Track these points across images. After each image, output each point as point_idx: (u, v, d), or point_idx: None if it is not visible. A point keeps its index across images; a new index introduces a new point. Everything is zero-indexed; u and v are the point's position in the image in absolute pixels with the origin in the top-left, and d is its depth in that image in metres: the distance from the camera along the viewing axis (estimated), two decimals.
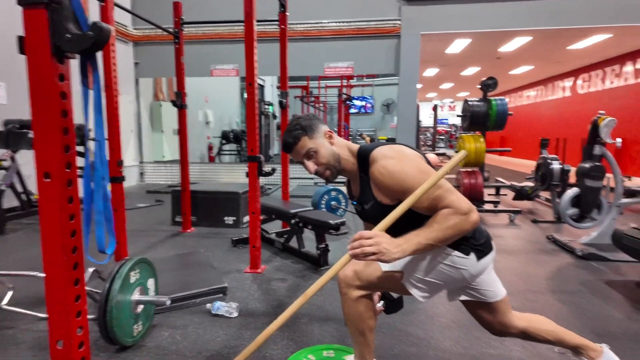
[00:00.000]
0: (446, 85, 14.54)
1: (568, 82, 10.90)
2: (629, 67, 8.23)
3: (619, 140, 3.39)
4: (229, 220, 4.04)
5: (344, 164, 1.36)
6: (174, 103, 3.82)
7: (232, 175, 7.43)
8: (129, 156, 7.03)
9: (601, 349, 1.45)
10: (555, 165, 4.36)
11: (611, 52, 8.32)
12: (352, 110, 13.60)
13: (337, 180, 1.65)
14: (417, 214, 1.22)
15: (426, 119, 19.59)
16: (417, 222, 1.21)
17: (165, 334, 1.91)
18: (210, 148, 9.57)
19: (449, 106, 22.97)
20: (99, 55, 1.09)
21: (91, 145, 1.14)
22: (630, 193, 3.64)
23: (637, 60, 7.95)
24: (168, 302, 1.82)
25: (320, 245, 2.85)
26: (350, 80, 12.41)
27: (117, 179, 2.78)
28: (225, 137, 9.25)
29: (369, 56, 6.71)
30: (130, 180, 7.17)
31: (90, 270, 2.31)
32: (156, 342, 1.84)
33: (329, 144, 1.35)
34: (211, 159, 9.38)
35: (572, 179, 3.71)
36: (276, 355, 1.72)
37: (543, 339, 1.44)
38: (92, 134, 1.15)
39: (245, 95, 2.69)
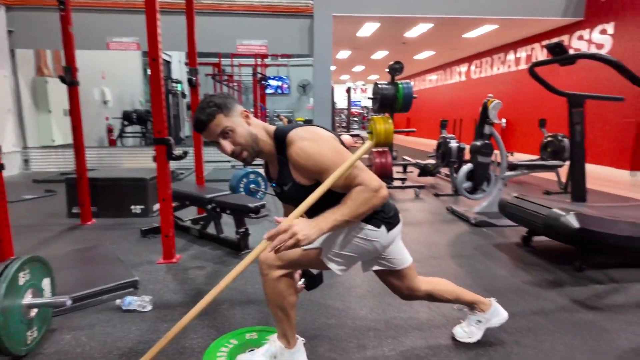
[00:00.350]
0: (358, 68, 15.05)
1: (463, 68, 12.04)
2: (511, 56, 9.36)
3: (503, 120, 3.88)
4: (136, 209, 3.74)
5: (261, 146, 1.33)
6: (63, 79, 3.34)
7: (137, 160, 6.86)
8: (7, 140, 6.04)
9: (490, 302, 1.68)
10: (453, 144, 4.84)
11: (498, 41, 9.37)
12: (268, 91, 13.37)
13: (256, 162, 1.62)
14: (333, 193, 1.26)
15: (341, 101, 20.15)
16: (334, 200, 1.25)
17: (68, 337, 1.72)
18: (110, 130, 8.66)
19: (361, 89, 23.87)
20: None
21: None
22: (512, 167, 4.20)
23: (517, 49, 9.08)
24: (69, 303, 1.64)
25: (239, 229, 2.80)
26: (265, 60, 12.14)
27: None
28: (128, 118, 8.43)
29: (283, 35, 6.62)
30: (12, 169, 6.20)
31: None
32: (57, 347, 1.65)
33: (246, 124, 1.32)
34: (112, 143, 8.51)
35: (468, 156, 4.16)
36: (197, 345, 1.67)
37: (445, 299, 1.63)
38: None
39: (149, 72, 2.47)
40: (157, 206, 3.80)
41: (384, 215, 1.37)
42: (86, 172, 3.52)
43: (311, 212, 1.23)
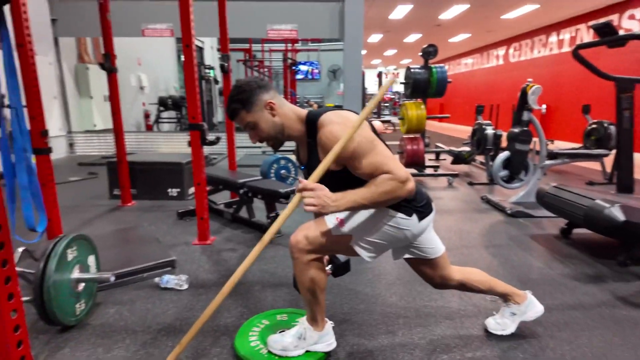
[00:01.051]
0: (390, 52, 14.72)
1: (501, 51, 11.52)
2: (553, 38, 8.85)
3: (544, 106, 3.69)
4: (173, 192, 3.88)
5: (289, 132, 1.36)
6: (102, 66, 3.48)
7: (172, 145, 7.07)
8: (54, 125, 6.38)
9: (525, 295, 1.64)
10: (489, 131, 4.67)
11: (539, 22, 8.87)
12: (298, 76, 13.36)
13: (286, 148, 1.63)
14: (360, 180, 1.26)
15: (371, 86, 19.85)
16: (359, 185, 1.25)
17: (112, 311, 1.83)
18: (147, 116, 8.96)
19: (393, 73, 23.38)
20: (7, 9, 0.95)
21: (7, 113, 1.02)
22: (552, 155, 4.02)
23: (561, 31, 8.56)
24: (112, 279, 1.74)
25: (270, 214, 2.85)
26: (295, 45, 12.10)
27: (43, 150, 2.52)
28: (163, 103, 8.69)
29: (314, 20, 6.55)
30: (59, 152, 6.55)
31: (20, 250, 2.12)
32: (102, 319, 1.76)
33: (270, 116, 1.34)
34: (149, 128, 8.81)
35: (505, 143, 4.01)
36: (230, 323, 1.73)
37: (477, 289, 1.60)
38: (6, 101, 1.02)
39: (183, 58, 2.52)
40: (192, 190, 3.93)
41: (415, 204, 1.35)
42: (125, 156, 3.67)
43: (331, 188, 1.25)
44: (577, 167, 5.86)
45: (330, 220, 1.34)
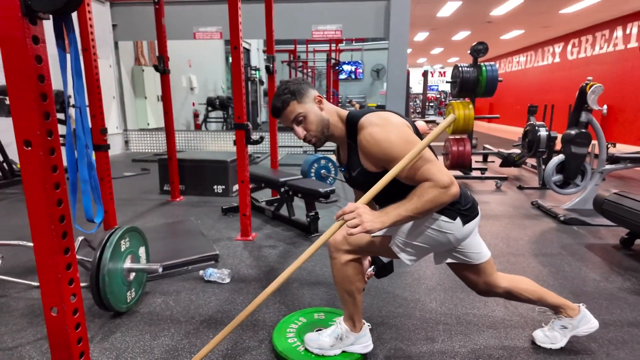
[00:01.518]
0: (436, 50, 14.32)
1: (557, 48, 10.83)
2: (618, 32, 8.18)
3: (605, 107, 3.43)
4: (218, 188, 4.03)
5: (332, 130, 1.34)
6: (156, 68, 3.68)
7: (218, 144, 7.33)
8: (112, 124, 6.84)
9: (579, 308, 1.53)
10: (542, 132, 4.41)
11: (601, 17, 8.23)
12: (342, 76, 13.34)
13: (326, 148, 1.64)
14: (401, 183, 1.23)
15: (416, 86, 19.42)
16: (401, 191, 1.22)
17: (159, 300, 1.94)
18: (196, 115, 9.36)
19: (439, 72, 22.73)
20: (74, 16, 1.03)
21: (72, 112, 1.10)
22: (613, 159, 3.71)
23: (627, 25, 7.90)
24: (160, 270, 1.84)
25: (310, 213, 2.88)
26: (339, 45, 12.10)
27: (102, 147, 2.72)
28: (211, 103, 9.03)
29: (358, 19, 6.51)
30: (115, 148, 7.02)
31: (79, 239, 2.29)
32: (149, 308, 1.87)
33: (319, 109, 1.33)
34: (197, 127, 9.20)
35: (559, 145, 3.77)
36: (269, 319, 1.77)
37: (525, 299, 1.51)
38: (72, 101, 1.10)
39: (230, 60, 2.61)
40: (236, 187, 4.05)
41: (459, 207, 1.29)
42: (175, 153, 3.86)
43: (379, 201, 1.21)
44: None
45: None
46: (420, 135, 1.30)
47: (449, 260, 1.43)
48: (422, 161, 1.17)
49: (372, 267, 1.57)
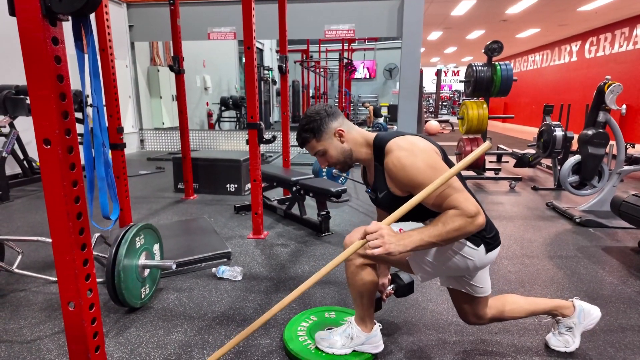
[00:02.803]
0: (450, 50, 14.17)
1: (574, 46, 10.61)
2: (639, 30, 7.97)
3: (624, 106, 3.35)
4: (231, 187, 4.07)
5: (357, 156, 1.39)
6: (171, 68, 3.73)
7: (231, 143, 7.39)
8: (127, 123, 6.96)
9: (572, 304, 1.52)
10: (558, 132, 4.33)
11: (620, 14, 8.03)
12: (358, 76, 13.30)
13: None
14: (425, 208, 1.23)
15: (429, 85, 19.25)
16: (425, 215, 1.24)
17: (172, 297, 1.97)
18: (209, 115, 9.46)
19: (453, 71, 22.48)
20: (92, 17, 1.05)
21: (89, 111, 1.13)
22: (632, 160, 3.62)
23: None
24: (173, 267, 1.87)
25: (321, 212, 2.88)
26: (352, 44, 12.08)
27: (118, 145, 2.77)
28: (224, 103, 9.11)
29: (371, 18, 6.49)
30: (131, 147, 7.14)
31: (96, 235, 2.35)
32: (163, 304, 1.90)
33: (339, 143, 1.38)
34: (210, 126, 9.29)
35: (575, 146, 3.69)
36: (280, 317, 1.78)
37: (517, 318, 1.52)
38: (89, 100, 1.13)
39: (244, 60, 2.63)
40: (248, 186, 4.09)
41: (485, 234, 1.29)
42: (189, 152, 3.91)
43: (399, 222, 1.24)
44: None
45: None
46: (447, 158, 1.31)
47: (453, 286, 1.44)
48: (450, 189, 1.16)
49: (392, 285, 1.58)
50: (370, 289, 1.38)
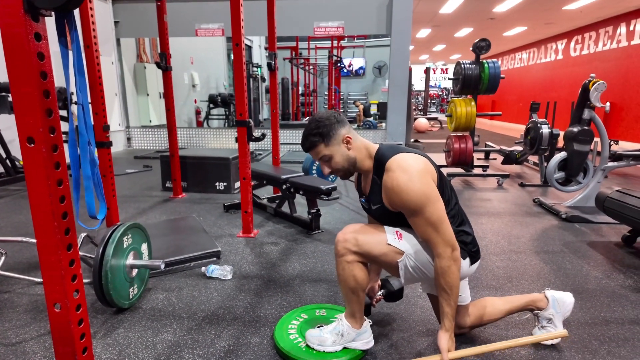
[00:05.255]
0: (439, 47, 14.27)
1: (560, 45, 10.78)
2: (622, 29, 8.13)
3: (607, 104, 3.41)
4: (220, 185, 4.04)
5: (359, 165, 1.40)
6: (159, 65, 3.68)
7: (220, 141, 7.34)
8: (114, 121, 6.85)
9: (543, 295, 1.56)
10: (545, 130, 4.40)
11: (605, 13, 8.18)
12: (357, 72, 13.28)
13: None
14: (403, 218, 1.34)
15: (418, 82, 19.36)
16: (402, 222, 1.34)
17: (161, 297, 1.95)
18: (197, 112, 9.37)
19: (441, 69, 22.65)
20: (76, 13, 1.03)
21: (74, 109, 1.11)
22: (616, 157, 3.70)
23: (631, 21, 7.85)
24: (162, 266, 1.85)
25: (311, 210, 2.88)
26: (341, 41, 12.08)
27: (104, 144, 2.73)
28: (213, 101, 9.03)
29: (360, 15, 6.49)
30: (117, 145, 7.04)
31: (82, 235, 2.31)
32: (152, 304, 1.88)
33: (346, 149, 1.38)
34: (199, 124, 9.21)
35: (561, 143, 3.76)
36: (270, 315, 1.78)
37: (496, 319, 1.57)
38: (74, 98, 1.11)
39: (232, 57, 2.61)
40: (238, 184, 4.06)
41: (471, 248, 1.40)
42: (177, 150, 3.87)
43: (386, 223, 1.37)
44: None
45: (390, 231, 1.37)
46: (441, 175, 1.36)
47: (435, 293, 1.47)
48: (430, 228, 1.27)
49: (382, 291, 1.60)
50: (362, 285, 1.39)
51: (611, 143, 5.18)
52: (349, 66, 13.87)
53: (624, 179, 4.82)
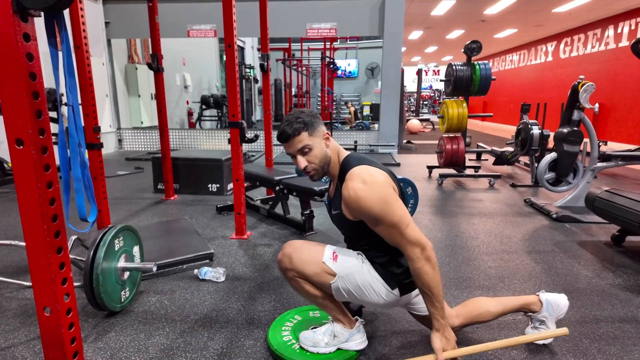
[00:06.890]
0: (431, 49, 14.36)
1: (550, 47, 10.91)
2: (610, 32, 8.26)
3: (596, 105, 3.46)
4: (213, 187, 4.02)
5: (331, 167, 1.39)
6: (150, 66, 3.65)
7: (213, 142, 7.31)
8: (105, 122, 6.78)
9: (537, 298, 1.56)
10: (535, 131, 4.44)
11: (594, 15, 8.31)
12: (348, 74, 13.31)
13: None
14: (366, 230, 1.32)
15: (410, 84, 19.47)
16: (374, 236, 1.32)
17: (153, 300, 1.93)
18: (190, 114, 9.31)
19: (433, 70, 22.79)
20: (66, 13, 1.02)
21: (64, 110, 1.10)
22: (605, 157, 3.75)
23: (619, 24, 7.98)
24: (154, 269, 1.83)
25: (305, 211, 2.88)
26: (334, 43, 12.10)
27: (95, 145, 2.70)
28: (205, 102, 8.99)
29: (353, 17, 6.52)
30: (108, 147, 6.97)
31: (73, 238, 2.28)
32: (144, 307, 1.86)
33: (325, 146, 1.37)
34: (191, 125, 9.16)
35: (551, 143, 3.80)
36: (264, 317, 1.77)
37: (487, 320, 1.55)
38: (64, 99, 1.10)
39: (225, 58, 2.60)
40: (231, 185, 4.04)
41: (403, 279, 1.37)
42: (169, 152, 3.84)
43: (351, 242, 1.40)
44: (633, 170, 5.45)
45: (329, 251, 1.38)
46: (403, 192, 1.37)
47: (405, 309, 1.51)
48: (396, 232, 1.24)
49: None
50: (319, 294, 1.41)
51: (600, 144, 5.26)
52: (346, 72, 13.92)
53: (612, 179, 4.89)
